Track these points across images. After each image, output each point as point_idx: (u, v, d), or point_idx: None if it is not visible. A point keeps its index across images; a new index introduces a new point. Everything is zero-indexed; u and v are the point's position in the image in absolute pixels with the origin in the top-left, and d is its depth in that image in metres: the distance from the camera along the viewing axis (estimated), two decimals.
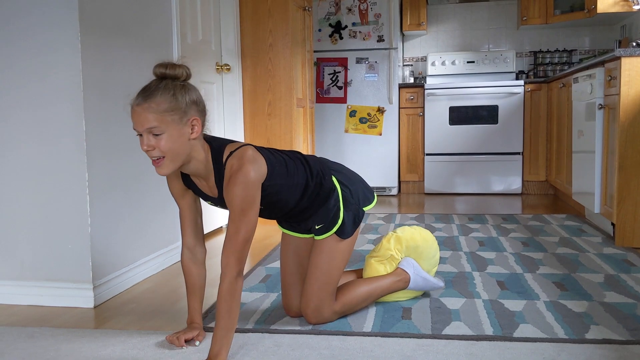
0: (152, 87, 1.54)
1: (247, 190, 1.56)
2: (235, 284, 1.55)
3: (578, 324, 1.86)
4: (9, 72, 2.18)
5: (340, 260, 1.87)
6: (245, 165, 1.57)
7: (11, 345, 1.78)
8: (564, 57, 5.60)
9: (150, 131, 1.52)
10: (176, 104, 1.53)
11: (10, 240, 2.25)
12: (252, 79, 3.85)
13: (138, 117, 1.52)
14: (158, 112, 1.51)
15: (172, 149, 1.54)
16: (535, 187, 5.25)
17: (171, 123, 1.53)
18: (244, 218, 1.56)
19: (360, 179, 1.95)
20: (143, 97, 1.52)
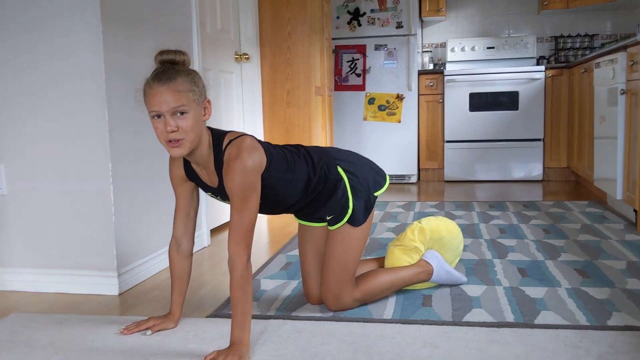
0: (170, 70, 1.54)
1: (245, 177, 1.57)
2: (247, 270, 1.57)
3: (600, 310, 1.85)
4: (33, 65, 2.21)
5: (355, 248, 1.88)
6: (243, 152, 1.58)
7: (40, 331, 1.83)
8: (585, 41, 5.52)
9: (175, 111, 1.52)
10: (195, 85, 1.55)
11: (37, 230, 2.29)
12: (270, 67, 3.86)
13: (162, 97, 1.50)
14: (183, 92, 1.52)
15: (194, 129, 1.55)
16: (556, 173, 5.21)
17: (192, 103, 1.54)
18: (245, 204, 1.57)
19: (368, 164, 1.94)
20: (166, 78, 1.52)
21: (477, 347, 1.59)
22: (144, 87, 1.56)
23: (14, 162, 2.29)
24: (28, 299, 2.21)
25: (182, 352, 1.62)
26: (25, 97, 2.24)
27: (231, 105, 3.61)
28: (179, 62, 1.57)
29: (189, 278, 1.85)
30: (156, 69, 1.57)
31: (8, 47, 2.23)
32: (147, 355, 1.61)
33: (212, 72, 3.30)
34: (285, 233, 3.26)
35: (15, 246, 2.32)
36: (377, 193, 1.91)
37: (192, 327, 1.81)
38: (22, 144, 2.26)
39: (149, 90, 1.54)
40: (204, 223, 3.01)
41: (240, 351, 1.53)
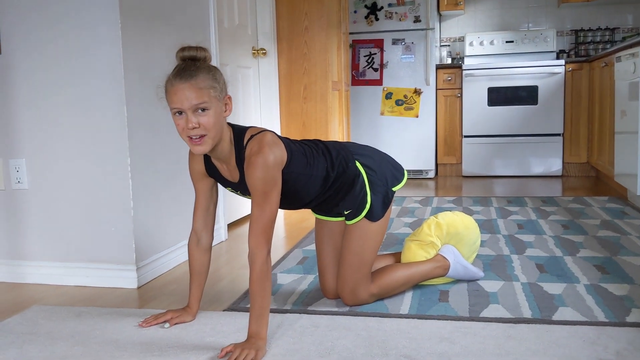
0: (191, 67, 1.54)
1: (267, 172, 1.58)
2: (266, 264, 1.58)
3: (619, 307, 1.83)
4: (53, 60, 2.24)
5: (372, 243, 1.88)
6: (265, 148, 1.59)
7: (60, 323, 1.86)
8: (606, 35, 5.44)
9: (197, 108, 1.52)
10: (216, 81, 1.56)
11: (58, 224, 2.33)
12: (287, 62, 3.86)
13: (183, 93, 1.51)
14: (205, 88, 1.52)
15: (215, 126, 1.56)
16: (576, 169, 5.15)
17: (214, 99, 1.54)
18: (266, 199, 1.58)
19: (387, 159, 1.94)
20: (187, 75, 1.52)
21: (494, 343, 1.59)
22: (166, 84, 1.57)
23: (35, 158, 2.32)
24: (49, 292, 2.24)
25: (199, 345, 1.63)
26: (45, 93, 2.27)
27: (248, 100, 3.62)
28: (200, 58, 1.57)
29: (207, 272, 1.87)
30: (177, 65, 1.57)
31: (28, 44, 2.26)
32: (165, 348, 1.63)
33: (229, 68, 3.32)
34: (302, 227, 3.27)
35: (36, 240, 2.36)
36: (396, 188, 1.91)
37: (209, 321, 1.82)
38: (43, 139, 2.30)
39: (171, 87, 1.54)
40: (222, 217, 3.03)
41: (257, 344, 1.54)
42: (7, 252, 2.40)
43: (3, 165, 2.36)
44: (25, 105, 2.30)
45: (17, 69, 2.29)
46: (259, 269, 1.57)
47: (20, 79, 2.29)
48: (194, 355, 1.57)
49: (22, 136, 2.32)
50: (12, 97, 2.31)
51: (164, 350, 1.61)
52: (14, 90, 2.30)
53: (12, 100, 2.31)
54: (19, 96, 2.30)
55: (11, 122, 2.32)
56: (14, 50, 2.28)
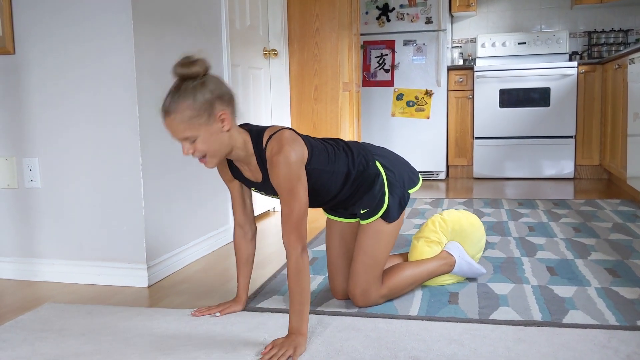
0: (174, 94, 1.55)
1: (290, 169, 1.59)
2: (301, 260, 1.59)
3: (630, 310, 1.82)
4: (66, 60, 2.26)
5: (386, 244, 1.88)
6: (285, 146, 1.60)
7: (71, 321, 1.88)
8: (619, 37, 5.41)
9: (184, 139, 1.56)
10: (199, 107, 1.53)
11: (70, 223, 2.35)
12: (298, 63, 3.87)
13: (169, 128, 1.56)
14: (185, 121, 1.53)
15: (211, 147, 1.58)
16: (588, 171, 5.12)
17: (201, 126, 1.54)
18: (294, 196, 1.59)
19: (404, 162, 1.95)
20: (167, 109, 1.55)
21: (504, 346, 1.58)
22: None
23: (48, 157, 2.34)
24: (61, 290, 2.26)
25: (210, 344, 1.64)
26: (58, 93, 2.29)
27: (259, 101, 3.63)
28: (191, 76, 1.55)
29: (253, 261, 1.93)
30: (170, 88, 1.58)
31: (42, 45, 2.28)
32: (175, 346, 1.63)
33: (240, 69, 3.33)
34: (311, 228, 3.27)
35: (48, 238, 2.38)
36: (411, 190, 1.92)
37: (219, 320, 1.83)
38: (56, 139, 2.32)
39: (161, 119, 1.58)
40: (231, 217, 3.04)
41: (296, 341, 1.56)
42: (20, 250, 2.43)
43: (16, 164, 2.39)
44: (39, 105, 2.32)
45: (30, 69, 2.31)
46: (294, 266, 1.59)
47: (33, 78, 2.31)
48: (204, 354, 1.58)
49: (35, 135, 2.34)
50: (26, 97, 2.33)
51: (174, 349, 1.62)
52: (28, 89, 2.33)
53: (25, 99, 2.33)
54: (33, 95, 2.32)
55: (24, 122, 2.35)
56: (28, 51, 2.30)
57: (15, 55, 2.32)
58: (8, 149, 2.39)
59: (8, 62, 2.34)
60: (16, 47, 2.32)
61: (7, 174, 2.41)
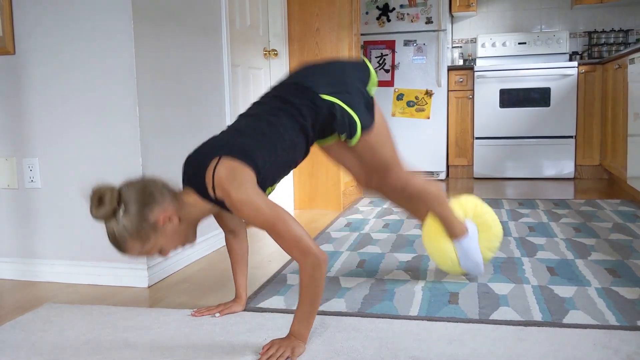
0: (115, 244, 1.54)
1: (250, 205, 1.49)
2: (314, 271, 1.51)
3: (630, 310, 1.82)
4: (66, 60, 2.26)
5: (383, 145, 1.86)
6: (230, 191, 1.50)
7: (72, 321, 1.88)
8: (619, 37, 5.41)
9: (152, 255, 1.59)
10: (140, 235, 1.50)
11: (70, 223, 2.35)
12: (299, 63, 3.87)
13: (133, 258, 1.62)
14: (140, 251, 1.54)
15: (174, 244, 1.59)
16: (588, 171, 5.12)
17: (156, 240, 1.54)
18: (267, 221, 1.50)
19: (344, 70, 1.80)
20: (122, 252, 1.56)
21: (504, 346, 1.58)
22: None
23: (48, 157, 2.34)
24: (61, 290, 2.26)
25: (209, 345, 1.64)
26: (58, 93, 2.29)
27: None
28: (109, 215, 1.49)
29: (247, 259, 1.94)
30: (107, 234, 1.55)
31: (42, 45, 2.28)
32: (174, 347, 1.63)
33: (240, 69, 3.33)
34: (312, 228, 3.27)
35: (48, 238, 2.38)
36: (370, 87, 1.83)
37: (219, 320, 1.83)
38: (56, 139, 2.32)
39: None
40: None
41: (294, 343, 1.55)
42: (20, 250, 2.43)
43: (17, 164, 2.39)
44: (39, 105, 2.32)
45: (31, 70, 2.31)
46: (307, 278, 1.52)
47: (33, 79, 2.31)
48: (204, 354, 1.58)
49: (35, 135, 2.34)
50: (26, 97, 2.33)
51: (174, 349, 1.62)
52: (28, 89, 2.33)
53: (25, 99, 2.33)
54: (33, 96, 2.32)
55: (25, 122, 2.35)
56: (28, 51, 2.31)
57: (15, 55, 2.32)
58: (8, 149, 2.39)
59: (8, 62, 2.34)
60: (16, 48, 2.32)
61: (7, 174, 2.41)
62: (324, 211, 3.79)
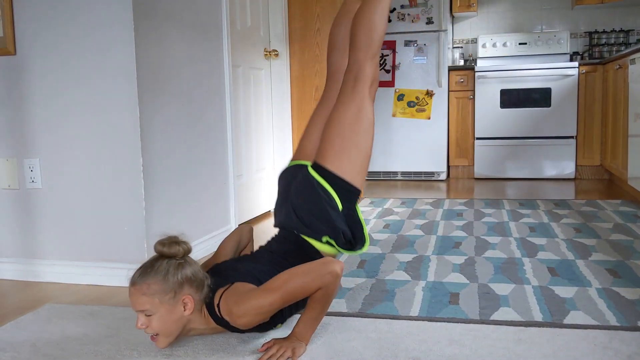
0: (147, 268, 1.55)
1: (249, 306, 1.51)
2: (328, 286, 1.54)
3: (631, 311, 1.82)
4: (67, 61, 2.27)
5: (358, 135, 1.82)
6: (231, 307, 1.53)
7: (73, 321, 1.88)
8: (620, 37, 5.40)
9: (143, 312, 1.54)
10: (167, 286, 1.53)
11: (71, 223, 2.35)
12: (299, 64, 3.87)
13: (131, 297, 1.55)
14: (149, 295, 1.52)
15: (165, 328, 1.55)
16: (589, 172, 5.12)
17: (162, 304, 1.53)
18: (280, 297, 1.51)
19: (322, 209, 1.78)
20: (137, 279, 1.55)
21: (504, 346, 1.58)
22: None
23: (48, 157, 2.34)
24: (62, 290, 2.26)
25: (210, 345, 1.64)
26: (59, 94, 2.29)
27: (260, 101, 3.63)
28: (170, 255, 1.56)
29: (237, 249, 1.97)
30: (145, 262, 1.59)
31: (42, 45, 2.29)
32: (175, 348, 1.64)
33: (241, 69, 3.33)
34: None
35: (49, 239, 2.38)
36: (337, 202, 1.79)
37: None
38: (57, 139, 2.32)
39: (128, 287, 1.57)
40: (232, 218, 3.04)
41: (295, 344, 1.56)
42: (21, 250, 2.43)
43: (17, 165, 2.39)
44: (39, 106, 2.32)
45: (31, 70, 2.31)
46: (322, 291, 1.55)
47: (34, 79, 2.32)
48: (204, 354, 1.58)
49: (36, 136, 2.35)
50: (26, 97, 2.34)
51: (174, 350, 1.62)
52: (28, 90, 2.33)
53: (26, 100, 2.34)
54: (33, 96, 2.33)
55: (25, 122, 2.35)
56: (28, 51, 2.31)
57: (16, 56, 2.33)
58: (9, 149, 2.40)
59: (9, 63, 2.34)
60: (17, 48, 2.32)
61: (8, 175, 2.41)
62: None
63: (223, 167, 2.94)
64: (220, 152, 2.91)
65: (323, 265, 1.54)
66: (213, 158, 2.83)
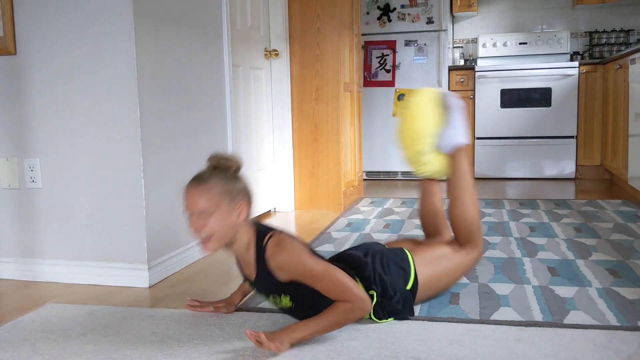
0: (206, 174, 1.61)
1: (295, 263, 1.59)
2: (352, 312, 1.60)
3: (631, 311, 1.82)
4: (67, 61, 2.27)
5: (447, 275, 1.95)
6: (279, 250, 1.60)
7: (72, 321, 1.88)
8: (620, 37, 5.40)
9: (200, 213, 1.57)
10: (226, 189, 1.59)
11: (71, 223, 2.35)
12: (299, 64, 3.87)
13: (192, 197, 1.58)
14: (209, 195, 1.57)
15: (219, 231, 1.59)
16: (589, 171, 5.12)
17: (220, 206, 1.58)
18: (316, 274, 1.59)
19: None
20: (197, 181, 1.60)
21: (504, 346, 1.58)
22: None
23: (49, 157, 2.34)
24: (62, 290, 2.26)
25: (210, 344, 1.64)
26: (59, 94, 2.29)
27: (260, 101, 3.63)
28: (222, 167, 1.63)
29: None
30: (202, 170, 1.65)
31: (42, 45, 2.29)
32: (175, 347, 1.64)
33: (241, 69, 3.33)
34: (313, 228, 3.27)
35: (49, 238, 2.38)
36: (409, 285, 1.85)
37: (219, 320, 1.83)
38: (57, 139, 2.32)
39: (184, 190, 1.62)
40: None
41: (282, 338, 1.54)
42: (21, 250, 2.43)
43: (18, 165, 2.39)
44: (40, 106, 2.32)
45: (32, 70, 2.31)
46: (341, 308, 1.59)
47: (35, 79, 2.32)
48: (205, 354, 1.58)
49: (36, 136, 2.35)
50: (27, 97, 2.34)
51: (174, 349, 1.62)
52: (29, 90, 2.33)
53: (26, 100, 2.34)
54: (34, 96, 2.33)
55: (26, 122, 2.35)
56: (29, 51, 2.31)
57: (16, 55, 2.33)
58: (9, 149, 2.40)
59: (9, 62, 2.34)
60: (17, 48, 2.32)
61: (8, 175, 2.41)
62: (325, 211, 3.79)
63: None
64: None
65: (364, 293, 1.63)
66: None
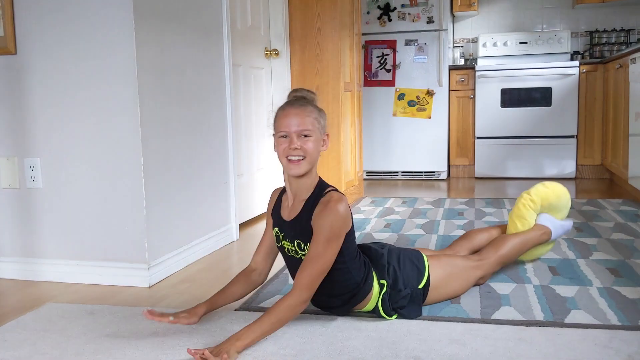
0: (302, 100, 1.70)
1: (338, 221, 1.63)
2: (297, 306, 1.61)
3: (632, 310, 1.82)
4: (67, 60, 2.26)
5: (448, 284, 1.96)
6: (343, 201, 1.66)
7: (73, 321, 1.88)
8: (621, 36, 5.40)
9: (301, 133, 1.65)
10: (320, 117, 1.71)
11: (71, 222, 2.35)
12: (300, 63, 3.87)
13: (296, 117, 1.65)
14: (311, 119, 1.67)
15: (313, 153, 1.67)
16: (590, 171, 5.11)
17: (317, 130, 1.68)
18: (327, 247, 1.62)
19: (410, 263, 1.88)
20: (299, 104, 1.68)
21: (505, 346, 1.58)
22: (277, 111, 1.71)
23: (49, 157, 2.34)
24: (62, 290, 2.26)
25: (209, 344, 1.64)
26: (60, 93, 2.29)
27: (261, 100, 3.63)
28: (309, 99, 1.72)
29: (236, 298, 1.86)
30: (290, 99, 1.73)
31: (43, 45, 2.29)
32: (175, 347, 1.64)
33: (242, 68, 3.33)
34: None
35: (50, 238, 2.38)
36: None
37: (220, 320, 1.83)
38: (58, 139, 2.32)
39: (282, 112, 1.69)
40: (233, 217, 3.04)
41: (227, 349, 1.50)
42: (21, 250, 2.43)
43: (18, 164, 2.39)
44: (40, 105, 2.32)
45: (31, 69, 2.31)
46: (288, 303, 1.59)
47: (35, 79, 2.32)
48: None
49: (36, 135, 2.35)
50: (27, 97, 2.33)
51: (174, 349, 1.62)
52: (29, 89, 2.33)
53: (27, 99, 2.34)
54: (34, 95, 2.33)
55: (26, 122, 2.35)
56: (29, 51, 2.31)
57: (16, 55, 2.33)
58: (10, 149, 2.40)
59: (10, 62, 2.34)
60: (18, 47, 2.32)
61: (8, 174, 2.41)
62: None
63: (224, 166, 2.94)
64: (221, 152, 2.90)
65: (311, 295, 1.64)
66: (214, 157, 2.83)
